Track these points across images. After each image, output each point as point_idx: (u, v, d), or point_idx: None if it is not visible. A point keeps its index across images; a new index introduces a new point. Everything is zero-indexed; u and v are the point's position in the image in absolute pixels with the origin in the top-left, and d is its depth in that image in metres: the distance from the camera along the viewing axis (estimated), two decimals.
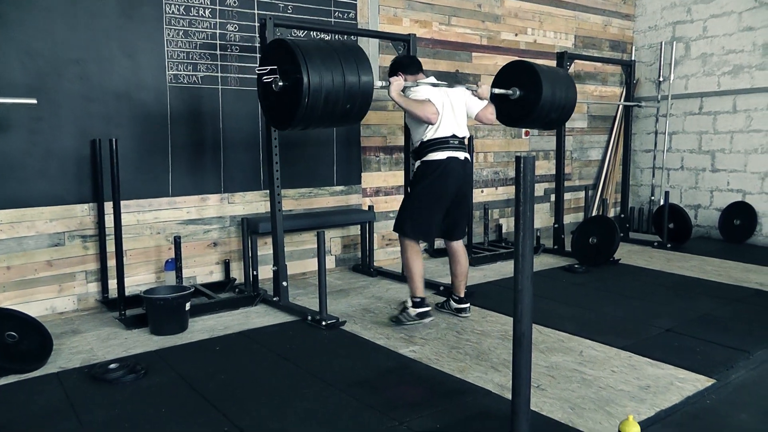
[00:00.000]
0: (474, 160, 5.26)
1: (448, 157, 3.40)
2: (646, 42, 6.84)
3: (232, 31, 4.19)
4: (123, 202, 3.70)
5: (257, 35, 4.17)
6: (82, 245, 3.76)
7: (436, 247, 5.22)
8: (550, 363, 2.89)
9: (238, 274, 4.30)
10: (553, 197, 5.88)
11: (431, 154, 3.42)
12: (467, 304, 3.63)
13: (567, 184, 5.99)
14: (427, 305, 3.43)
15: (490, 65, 5.62)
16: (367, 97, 3.23)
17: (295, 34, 4.27)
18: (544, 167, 6.22)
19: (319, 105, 3.07)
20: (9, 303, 3.48)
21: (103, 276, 3.79)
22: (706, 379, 2.68)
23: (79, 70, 3.64)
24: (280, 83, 3.12)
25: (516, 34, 5.85)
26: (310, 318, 3.52)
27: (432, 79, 3.65)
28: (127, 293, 3.67)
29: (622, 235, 5.65)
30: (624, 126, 6.32)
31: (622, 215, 6.13)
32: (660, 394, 2.53)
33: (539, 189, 6.17)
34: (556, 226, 5.54)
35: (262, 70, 3.23)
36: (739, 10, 5.99)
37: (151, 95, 3.90)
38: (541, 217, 6.18)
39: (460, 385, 2.66)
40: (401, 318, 3.40)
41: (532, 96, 4.20)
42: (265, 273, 4.18)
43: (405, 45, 4.28)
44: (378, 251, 4.98)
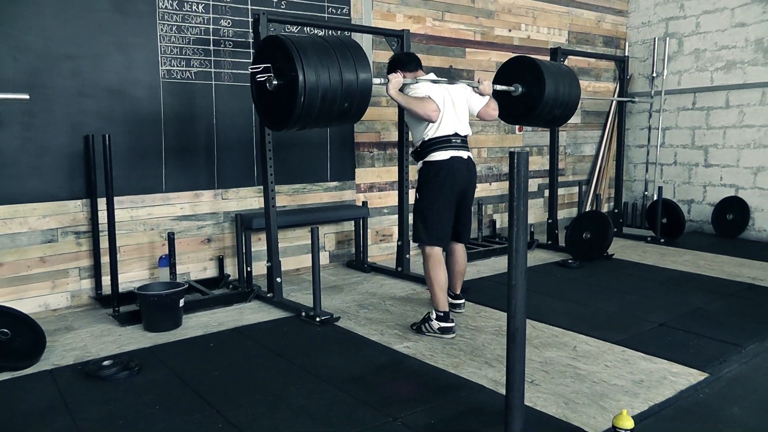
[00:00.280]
0: None
1: (451, 157, 3.27)
2: (639, 38, 6.85)
3: (226, 26, 4.17)
4: (116, 198, 3.68)
5: (251, 30, 4.15)
6: (75, 241, 3.74)
7: None
8: (544, 358, 2.90)
9: (232, 270, 4.29)
10: (546, 192, 5.90)
11: (433, 155, 3.29)
12: (462, 300, 3.64)
13: (561, 179, 6.01)
14: (452, 320, 3.22)
15: (483, 61, 5.62)
16: (365, 95, 3.10)
17: (288, 29, 4.26)
18: (538, 163, 6.23)
19: (316, 104, 2.95)
20: (2, 300, 3.46)
21: (96, 272, 3.78)
22: (699, 373, 2.69)
23: (71, 65, 3.62)
24: (275, 82, 2.98)
25: (509, 30, 5.85)
26: (304, 314, 3.52)
27: (432, 76, 3.48)
28: (120, 290, 3.67)
29: (616, 230, 5.65)
30: (617, 121, 6.33)
31: (616, 210, 6.14)
32: (653, 389, 2.55)
33: (533, 184, 6.18)
34: (550, 221, 5.56)
35: (255, 69, 3.10)
36: (732, 6, 6.01)
37: (145, 91, 3.88)
38: (535, 212, 6.20)
39: (454, 380, 2.67)
40: (423, 328, 3.25)
41: (535, 92, 4.06)
42: (259, 269, 4.19)
43: (399, 41, 4.28)
44: (372, 247, 4.98)
